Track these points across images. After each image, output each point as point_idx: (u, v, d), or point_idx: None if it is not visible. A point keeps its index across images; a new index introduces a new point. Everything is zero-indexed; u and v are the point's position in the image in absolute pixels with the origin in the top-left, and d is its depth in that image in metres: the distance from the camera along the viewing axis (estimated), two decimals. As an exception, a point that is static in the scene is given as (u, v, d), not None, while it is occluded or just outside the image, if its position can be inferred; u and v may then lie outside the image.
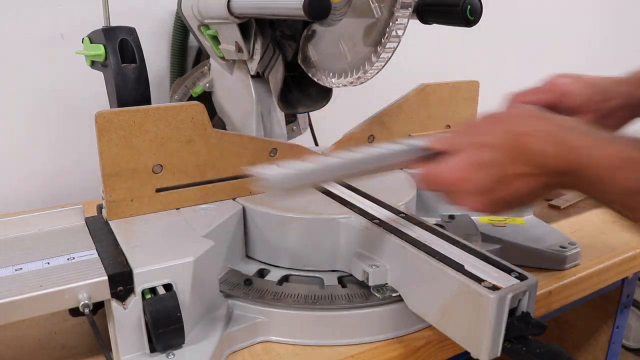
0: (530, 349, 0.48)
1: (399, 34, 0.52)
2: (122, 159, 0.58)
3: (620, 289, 0.93)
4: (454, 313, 0.51)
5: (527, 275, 0.51)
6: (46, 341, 0.58)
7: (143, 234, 0.57)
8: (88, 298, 0.47)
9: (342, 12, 0.57)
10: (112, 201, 0.59)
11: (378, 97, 0.87)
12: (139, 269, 0.49)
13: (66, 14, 0.91)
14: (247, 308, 0.57)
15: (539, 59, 1.56)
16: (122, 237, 0.56)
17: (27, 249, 0.54)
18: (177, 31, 0.95)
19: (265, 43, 0.66)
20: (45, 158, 0.96)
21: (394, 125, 0.81)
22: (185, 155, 0.62)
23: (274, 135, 0.76)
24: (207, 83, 0.82)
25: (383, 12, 0.52)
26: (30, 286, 0.47)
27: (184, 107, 0.61)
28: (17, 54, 0.89)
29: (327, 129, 1.00)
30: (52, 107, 0.94)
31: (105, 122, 0.57)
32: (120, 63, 0.65)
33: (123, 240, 0.55)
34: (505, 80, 1.48)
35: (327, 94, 0.69)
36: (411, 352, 0.57)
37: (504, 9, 1.42)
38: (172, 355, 0.49)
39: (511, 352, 0.49)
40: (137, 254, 0.52)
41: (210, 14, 0.68)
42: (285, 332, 0.57)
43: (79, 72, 0.89)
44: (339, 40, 0.58)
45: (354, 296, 0.57)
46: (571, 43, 1.63)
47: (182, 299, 0.50)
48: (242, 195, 0.67)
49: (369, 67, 0.55)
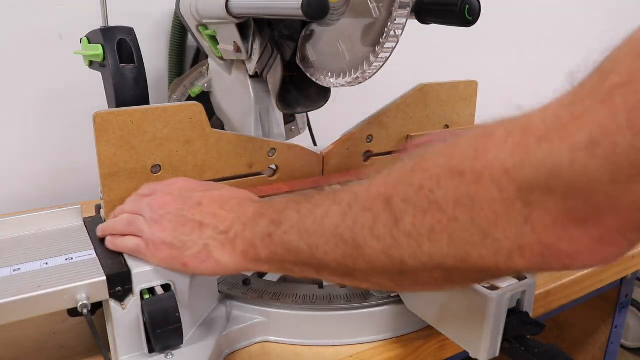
0: (529, 348, 0.49)
1: (397, 33, 0.52)
2: (121, 159, 0.58)
3: (618, 288, 0.93)
4: (452, 313, 0.52)
5: (525, 275, 0.51)
6: (44, 342, 0.58)
7: (141, 234, 0.57)
8: (86, 298, 0.47)
9: (341, 12, 0.57)
10: (111, 201, 0.59)
11: (376, 97, 0.87)
12: (137, 269, 0.49)
13: (64, 14, 0.91)
14: (245, 308, 0.57)
15: (538, 58, 1.56)
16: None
17: (25, 249, 0.54)
18: (176, 31, 0.95)
19: (263, 43, 0.66)
20: (43, 158, 0.96)
21: (392, 125, 0.81)
22: (183, 155, 0.62)
23: (273, 135, 0.76)
24: (206, 83, 0.82)
25: (381, 12, 0.52)
26: (28, 287, 0.47)
27: (183, 107, 0.61)
28: (15, 54, 0.89)
29: (325, 128, 1.00)
30: (50, 107, 0.94)
31: (103, 122, 0.56)
32: (119, 63, 0.65)
33: (121, 240, 0.55)
34: (504, 80, 1.48)
35: (325, 93, 0.69)
36: (410, 352, 0.57)
37: (502, 8, 1.43)
38: (171, 356, 0.49)
39: (510, 352, 0.49)
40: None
41: (209, 14, 0.68)
42: (284, 332, 0.57)
43: (77, 72, 0.89)
44: (337, 40, 0.58)
45: (352, 296, 0.57)
46: (570, 43, 1.63)
47: (180, 299, 0.50)
48: (240, 195, 0.67)
49: (368, 67, 0.55)
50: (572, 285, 0.71)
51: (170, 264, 0.49)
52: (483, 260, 0.32)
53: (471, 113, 0.91)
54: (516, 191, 0.29)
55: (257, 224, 0.45)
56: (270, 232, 0.43)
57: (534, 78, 1.59)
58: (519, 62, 1.53)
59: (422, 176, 0.33)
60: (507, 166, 0.29)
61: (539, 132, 0.28)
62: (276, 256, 0.43)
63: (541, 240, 0.29)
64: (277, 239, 0.43)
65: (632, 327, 1.51)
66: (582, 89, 0.28)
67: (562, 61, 1.70)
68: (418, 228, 0.33)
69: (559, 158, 0.27)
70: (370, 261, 0.37)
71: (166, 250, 0.48)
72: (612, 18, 1.71)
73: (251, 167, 0.68)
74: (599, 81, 0.27)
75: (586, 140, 0.26)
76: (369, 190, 0.37)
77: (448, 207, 0.32)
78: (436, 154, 0.34)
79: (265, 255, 0.44)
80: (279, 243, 0.43)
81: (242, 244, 0.46)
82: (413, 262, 0.34)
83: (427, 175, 0.33)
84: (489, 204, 0.30)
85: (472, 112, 0.92)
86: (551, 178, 0.27)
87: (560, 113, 0.28)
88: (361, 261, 0.37)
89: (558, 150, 0.27)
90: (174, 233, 0.49)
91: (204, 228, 0.48)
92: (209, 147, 0.64)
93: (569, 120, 0.27)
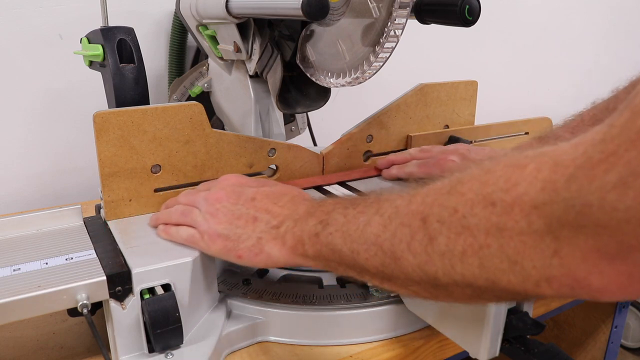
0: (528, 348, 0.49)
1: (397, 33, 0.52)
2: (121, 159, 0.58)
3: (618, 288, 0.93)
4: (452, 313, 0.52)
5: (525, 275, 0.51)
6: (44, 341, 0.58)
7: (141, 234, 0.57)
8: (86, 298, 0.47)
9: (341, 12, 0.57)
10: (111, 201, 0.59)
11: (376, 97, 0.87)
12: (137, 269, 0.49)
13: (64, 14, 0.91)
14: (245, 308, 0.57)
15: (538, 58, 1.56)
16: (121, 237, 0.56)
17: (26, 249, 0.54)
18: (176, 31, 0.95)
19: (263, 43, 0.66)
20: (43, 158, 0.96)
21: (392, 125, 0.81)
22: (183, 155, 0.62)
23: (273, 135, 0.76)
24: (206, 83, 0.82)
25: (381, 12, 0.52)
26: (28, 286, 0.47)
27: (183, 107, 0.61)
28: (15, 54, 0.89)
29: (325, 128, 1.00)
30: (50, 108, 0.94)
31: (103, 122, 0.56)
32: (119, 63, 0.65)
33: (121, 240, 0.55)
34: (503, 80, 1.49)
35: (325, 93, 0.69)
36: (410, 352, 0.57)
37: (502, 8, 1.43)
38: (171, 356, 0.49)
39: (510, 352, 0.49)
40: (136, 254, 0.52)
41: (209, 14, 0.68)
42: (284, 332, 0.57)
43: (77, 73, 0.90)
44: (337, 40, 0.58)
45: (352, 296, 0.57)
46: (570, 43, 1.63)
47: (180, 299, 0.50)
48: (240, 195, 0.67)
49: (368, 67, 0.55)
50: (572, 285, 0.71)
51: (225, 255, 0.51)
52: (512, 286, 0.32)
53: (471, 113, 0.91)
54: (545, 226, 0.29)
55: (306, 222, 0.47)
56: (317, 232, 0.45)
57: (534, 78, 1.59)
58: (519, 62, 1.53)
59: (458, 200, 0.35)
60: (536, 202, 0.30)
61: (568, 171, 0.29)
62: (321, 255, 0.45)
63: (570, 273, 0.29)
64: (323, 239, 0.45)
65: (632, 327, 1.51)
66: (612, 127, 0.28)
67: (562, 61, 1.70)
68: (451, 249, 0.34)
69: (588, 198, 0.27)
70: (406, 272, 0.38)
71: (221, 242, 0.51)
72: (612, 18, 1.71)
73: (251, 167, 0.68)
74: (631, 120, 0.27)
75: (615, 180, 0.26)
76: (408, 207, 0.39)
77: (480, 233, 0.33)
78: (472, 179, 0.35)
79: (312, 253, 0.46)
80: (325, 243, 0.45)
81: (291, 239, 0.48)
82: (446, 279, 0.36)
83: (462, 200, 0.34)
84: (517, 234, 0.31)
85: (472, 112, 0.92)
86: (580, 216, 0.28)
87: (590, 152, 0.28)
88: (398, 272, 0.39)
89: (587, 191, 0.27)
90: (229, 226, 0.51)
91: (257, 222, 0.51)
92: (209, 147, 0.64)
93: (599, 160, 0.27)
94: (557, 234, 0.29)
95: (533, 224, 0.30)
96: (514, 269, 0.31)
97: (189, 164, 0.63)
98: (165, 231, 0.56)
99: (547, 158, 0.30)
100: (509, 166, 0.33)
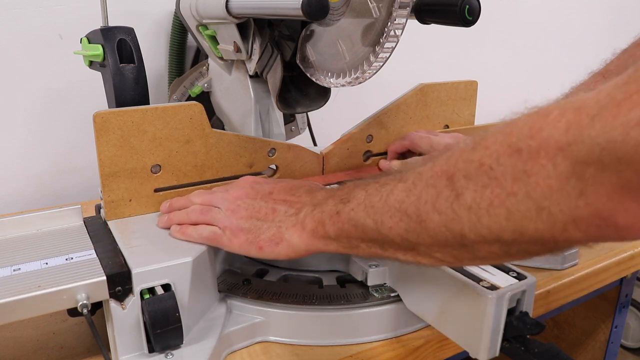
0: (528, 348, 0.49)
1: (397, 33, 0.52)
2: (121, 159, 0.58)
3: (618, 288, 0.93)
4: (452, 313, 0.52)
5: (525, 275, 0.51)
6: (44, 341, 0.58)
7: (141, 234, 0.57)
8: (86, 298, 0.47)
9: (341, 12, 0.57)
10: (111, 201, 0.59)
11: (376, 97, 0.87)
12: (137, 269, 0.49)
13: (64, 14, 0.91)
14: (245, 308, 0.57)
15: (538, 58, 1.56)
16: (121, 237, 0.56)
17: (25, 249, 0.54)
18: (176, 31, 0.95)
19: (263, 43, 0.66)
20: (43, 158, 0.96)
21: (392, 125, 0.81)
22: (183, 155, 0.62)
23: (273, 135, 0.76)
24: (206, 83, 0.82)
25: (381, 12, 0.52)
26: (28, 286, 0.47)
27: (183, 107, 0.61)
28: (15, 54, 0.89)
29: (325, 128, 1.00)
30: (50, 108, 0.94)
31: (103, 122, 0.56)
32: (119, 63, 0.65)
33: (121, 240, 0.55)
34: (503, 80, 1.48)
35: (325, 93, 0.69)
36: (410, 352, 0.57)
37: (502, 8, 1.43)
38: (171, 356, 0.49)
39: (510, 352, 0.49)
40: (136, 254, 0.52)
41: (209, 14, 0.68)
42: (284, 332, 0.57)
43: (77, 73, 0.90)
44: (337, 40, 0.58)
45: (352, 296, 0.57)
46: (570, 43, 1.63)
47: (180, 299, 0.50)
48: (240, 195, 0.67)
49: (368, 67, 0.55)
50: (572, 285, 0.71)
51: (247, 249, 0.52)
52: (539, 234, 0.33)
53: (471, 113, 0.91)
54: (570, 167, 0.30)
55: (326, 203, 0.48)
56: (338, 210, 0.46)
57: (534, 78, 1.59)
58: (519, 62, 1.53)
59: (483, 153, 0.35)
60: (561, 144, 0.30)
61: (592, 111, 0.29)
62: (343, 232, 0.46)
63: (596, 213, 0.30)
64: (344, 216, 0.45)
65: (632, 327, 1.51)
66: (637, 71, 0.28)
67: (562, 61, 1.70)
68: (478, 202, 0.35)
69: (612, 135, 0.27)
70: (432, 235, 0.38)
71: (243, 235, 0.52)
72: (612, 18, 1.71)
73: (251, 167, 0.68)
74: None
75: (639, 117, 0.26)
76: (432, 169, 0.39)
77: (507, 182, 0.33)
78: (496, 133, 0.35)
79: (333, 232, 0.46)
80: (346, 220, 0.45)
81: (311, 222, 0.48)
82: (473, 235, 0.36)
83: (487, 153, 0.35)
84: (544, 179, 0.31)
85: (472, 112, 0.92)
86: (604, 154, 0.28)
87: (614, 93, 0.28)
88: (424, 235, 0.39)
89: (611, 127, 0.27)
90: (250, 220, 0.52)
91: (276, 213, 0.52)
92: (209, 147, 0.64)
93: (622, 99, 0.28)
94: (582, 174, 0.29)
95: (559, 166, 0.30)
96: (541, 215, 0.32)
97: (189, 164, 0.63)
98: (181, 231, 0.56)
99: (570, 104, 0.31)
100: (532, 115, 0.33)
